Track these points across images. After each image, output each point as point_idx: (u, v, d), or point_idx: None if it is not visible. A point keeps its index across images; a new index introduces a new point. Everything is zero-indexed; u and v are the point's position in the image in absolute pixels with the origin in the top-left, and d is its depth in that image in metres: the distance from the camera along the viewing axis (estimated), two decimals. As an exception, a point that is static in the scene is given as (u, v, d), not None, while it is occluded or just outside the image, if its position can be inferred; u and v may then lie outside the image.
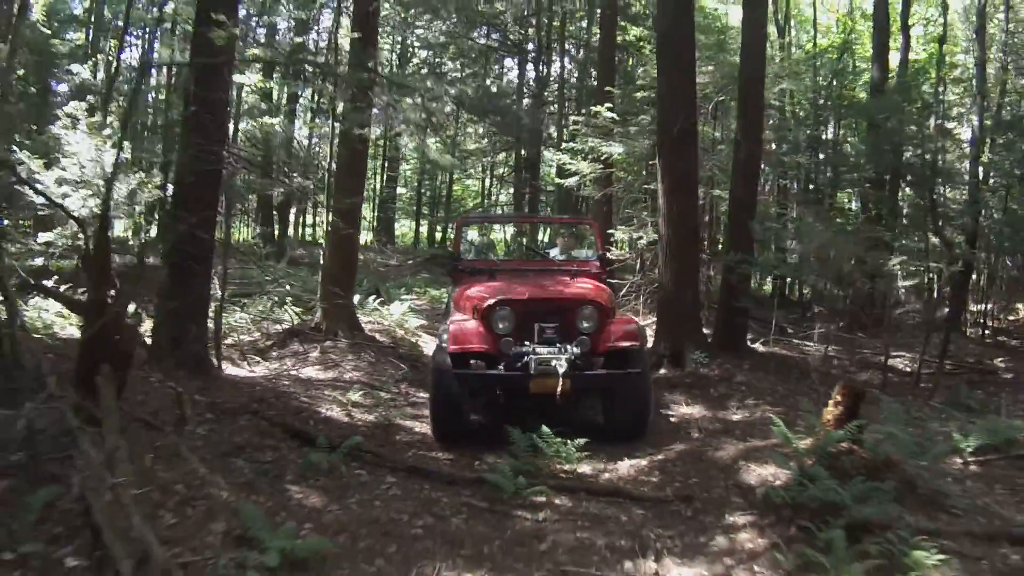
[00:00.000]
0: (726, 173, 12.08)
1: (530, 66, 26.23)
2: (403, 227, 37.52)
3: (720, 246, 13.08)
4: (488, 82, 30.56)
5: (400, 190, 35.54)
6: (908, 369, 10.61)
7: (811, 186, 15.90)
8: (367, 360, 9.16)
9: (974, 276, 18.44)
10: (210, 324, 7.56)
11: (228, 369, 8.03)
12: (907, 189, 13.80)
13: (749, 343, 10.54)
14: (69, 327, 8.88)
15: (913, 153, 11.96)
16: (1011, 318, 17.29)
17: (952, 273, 10.75)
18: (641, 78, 14.71)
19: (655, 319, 10.20)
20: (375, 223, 33.40)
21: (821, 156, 15.02)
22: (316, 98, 22.40)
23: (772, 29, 20.28)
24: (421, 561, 3.90)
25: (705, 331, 9.87)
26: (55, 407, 4.38)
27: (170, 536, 3.68)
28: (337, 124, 10.06)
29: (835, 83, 16.96)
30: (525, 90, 26.39)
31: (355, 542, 4.07)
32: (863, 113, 13.64)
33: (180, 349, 6.51)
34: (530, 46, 25.27)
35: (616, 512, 4.72)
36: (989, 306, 16.66)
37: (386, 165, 33.34)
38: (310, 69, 9.68)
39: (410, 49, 28.72)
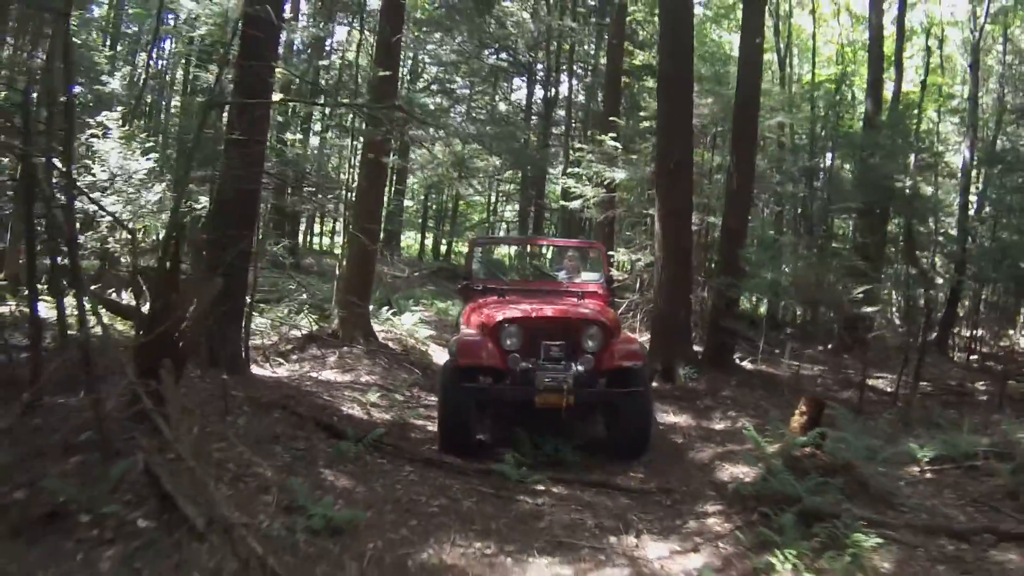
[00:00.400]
0: (722, 201, 12.83)
1: (538, 86, 26.97)
2: (408, 239, 38.06)
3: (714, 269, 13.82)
4: (497, 99, 31.49)
5: (407, 203, 36.12)
6: (889, 389, 11.30)
7: (802, 214, 16.61)
8: (381, 366, 9.85)
9: (967, 302, 19.22)
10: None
11: (254, 369, 8.73)
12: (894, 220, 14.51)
13: (738, 361, 11.25)
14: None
15: (900, 184, 12.66)
16: (1003, 344, 17.86)
17: (928, 298, 11.42)
18: (644, 108, 15.41)
19: (649, 336, 10.91)
20: (383, 234, 33.98)
21: (816, 185, 15.73)
22: (336, 119, 23.24)
23: (772, 57, 21.11)
24: (438, 532, 4.63)
25: (697, 348, 10.59)
26: (124, 394, 5.11)
27: (228, 505, 4.40)
28: (358, 144, 10.82)
29: (831, 114, 17.66)
30: (533, 109, 27.15)
31: (381, 516, 4.78)
32: (852, 145, 14.36)
33: (219, 350, 7.21)
34: (539, 67, 25.98)
35: (605, 500, 5.46)
36: (978, 332, 17.35)
37: (394, 179, 34.05)
38: (343, 101, 10.40)
39: (421, 64, 29.39)
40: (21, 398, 5.80)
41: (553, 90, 25.57)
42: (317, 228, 32.97)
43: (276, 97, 7.41)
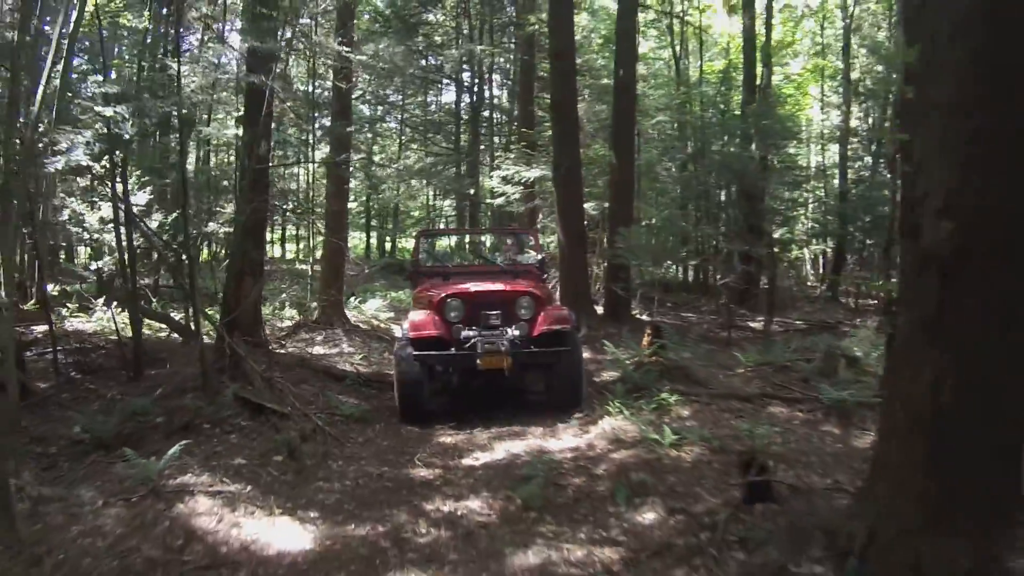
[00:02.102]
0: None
1: (465, 94, 29.63)
2: (354, 238, 40.15)
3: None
4: (429, 102, 34.07)
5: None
6: (759, 327, 14.54)
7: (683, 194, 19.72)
8: (357, 341, 12.78)
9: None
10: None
11: (264, 349, 11.65)
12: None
13: (639, 315, 14.39)
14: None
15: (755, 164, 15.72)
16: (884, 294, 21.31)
17: (764, 254, 14.55)
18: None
19: (560, 300, 13.99)
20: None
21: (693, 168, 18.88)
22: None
23: (669, 53, 24.15)
24: (416, 419, 7.67)
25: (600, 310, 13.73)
26: (217, 352, 8.04)
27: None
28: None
29: (712, 109, 20.75)
30: (462, 113, 29.86)
31: (379, 413, 7.80)
32: (720, 133, 17.45)
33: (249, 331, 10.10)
34: (465, 74, 28.58)
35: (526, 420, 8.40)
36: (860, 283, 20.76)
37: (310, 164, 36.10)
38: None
39: (356, 75, 31.77)
40: (127, 373, 8.75)
41: (476, 97, 28.13)
42: (269, 237, 35.28)
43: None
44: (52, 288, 16.45)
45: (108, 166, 7.39)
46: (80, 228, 11.63)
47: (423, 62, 27.37)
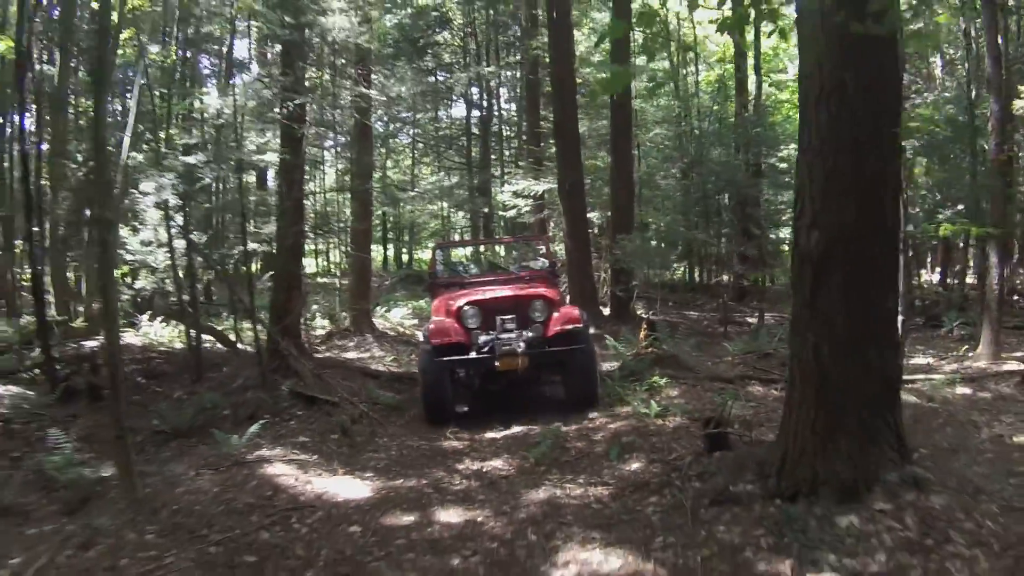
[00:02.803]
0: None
1: (475, 110, 30.90)
2: (372, 251, 41.23)
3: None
4: (441, 115, 35.30)
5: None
6: (755, 322, 15.75)
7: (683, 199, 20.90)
8: (386, 346, 14.07)
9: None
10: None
11: (302, 355, 12.94)
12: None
13: (643, 314, 15.61)
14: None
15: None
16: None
17: (760, 254, 15.77)
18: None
19: (568, 302, 15.24)
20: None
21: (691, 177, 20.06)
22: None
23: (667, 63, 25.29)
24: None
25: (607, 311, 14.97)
26: (272, 357, 9.33)
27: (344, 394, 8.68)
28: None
29: (709, 119, 21.93)
30: (472, 128, 31.10)
31: (412, 403, 9.02)
32: (716, 142, 18.64)
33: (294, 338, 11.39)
34: (474, 91, 29.85)
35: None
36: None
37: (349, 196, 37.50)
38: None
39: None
40: (189, 376, 10.03)
41: (485, 112, 29.36)
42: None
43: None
44: (96, 306, 17.88)
45: (181, 202, 8.62)
46: (123, 250, 12.77)
47: (432, 79, 28.67)
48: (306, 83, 9.56)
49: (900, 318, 4.90)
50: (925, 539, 3.80)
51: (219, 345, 12.38)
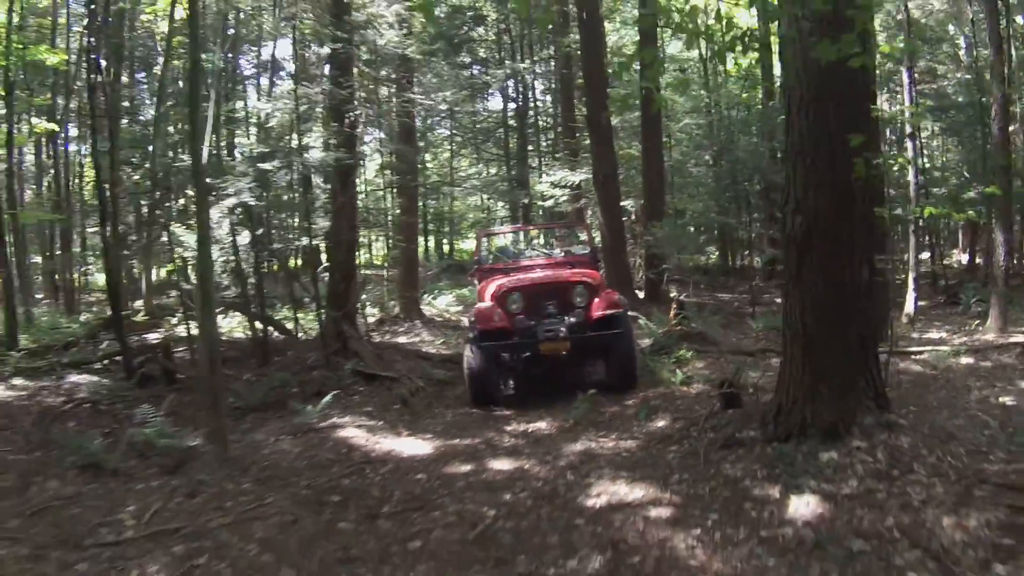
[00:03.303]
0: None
1: (511, 103, 31.66)
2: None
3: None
4: (479, 108, 36.05)
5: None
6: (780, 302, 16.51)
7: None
8: (435, 330, 15.04)
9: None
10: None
11: (357, 341, 13.94)
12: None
13: (674, 295, 16.41)
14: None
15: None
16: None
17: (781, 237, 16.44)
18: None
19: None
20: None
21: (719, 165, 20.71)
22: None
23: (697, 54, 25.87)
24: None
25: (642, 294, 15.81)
26: (334, 339, 10.33)
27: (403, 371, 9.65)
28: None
29: (735, 108, 22.41)
30: (510, 121, 31.85)
31: (462, 379, 9.86)
32: (744, 130, 19.22)
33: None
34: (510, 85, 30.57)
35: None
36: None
37: (388, 185, 38.57)
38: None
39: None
40: (256, 360, 11.02)
41: (521, 106, 30.05)
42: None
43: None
44: (157, 301, 19.11)
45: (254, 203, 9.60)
46: (180, 248, 13.60)
47: (468, 73, 29.40)
48: (357, 91, 10.44)
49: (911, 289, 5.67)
50: (892, 470, 4.63)
51: (276, 334, 13.46)
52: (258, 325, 11.45)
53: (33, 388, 9.62)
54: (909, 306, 11.96)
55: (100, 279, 26.27)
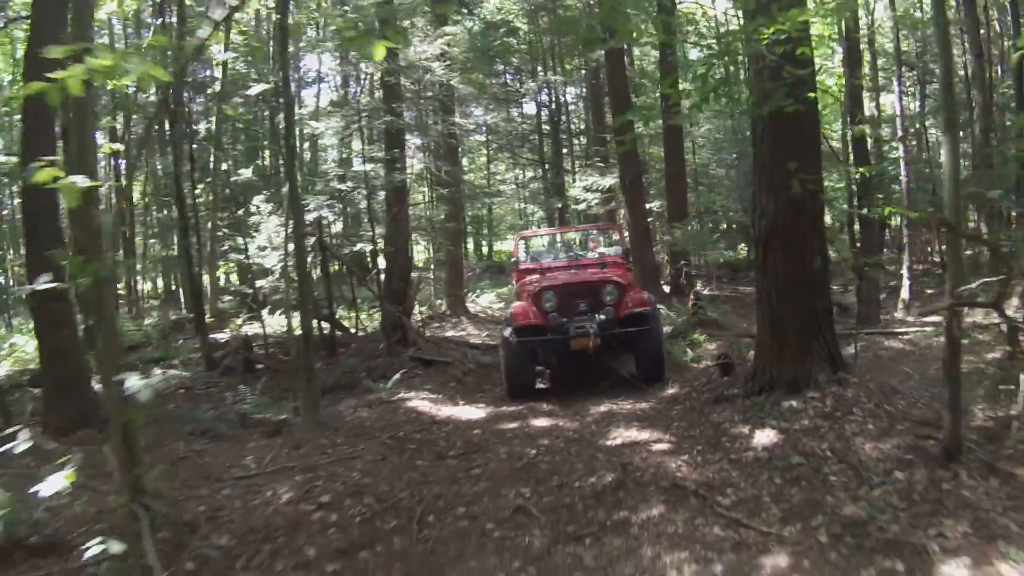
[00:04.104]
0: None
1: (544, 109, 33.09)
2: (452, 245, 43.67)
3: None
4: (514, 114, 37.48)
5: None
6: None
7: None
8: (479, 325, 16.61)
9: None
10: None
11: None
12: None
13: (698, 289, 17.86)
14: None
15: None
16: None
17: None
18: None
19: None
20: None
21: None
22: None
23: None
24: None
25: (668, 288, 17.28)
26: (394, 332, 11.95)
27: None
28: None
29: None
30: (543, 126, 33.28)
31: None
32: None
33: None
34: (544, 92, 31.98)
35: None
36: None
37: (434, 196, 40.32)
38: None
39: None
40: (324, 353, 12.62)
41: (554, 114, 31.46)
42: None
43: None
44: (222, 303, 20.82)
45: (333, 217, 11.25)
46: (242, 255, 15.02)
47: (501, 80, 30.77)
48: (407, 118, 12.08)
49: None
50: (835, 412, 6.07)
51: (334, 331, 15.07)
52: (333, 322, 13.04)
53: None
54: (904, 292, 13.27)
55: (155, 286, 28.34)
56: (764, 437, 5.86)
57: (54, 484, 3.46)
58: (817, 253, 6.48)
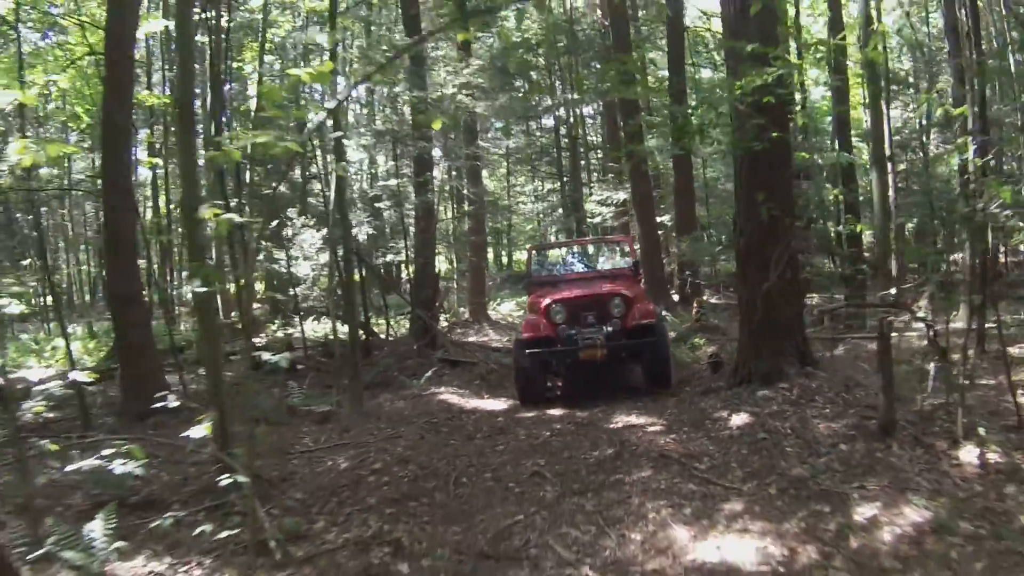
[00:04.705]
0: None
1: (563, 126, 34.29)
2: (471, 255, 44.97)
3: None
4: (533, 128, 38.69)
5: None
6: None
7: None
8: (500, 331, 17.84)
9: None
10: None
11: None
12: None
13: (707, 298, 19.02)
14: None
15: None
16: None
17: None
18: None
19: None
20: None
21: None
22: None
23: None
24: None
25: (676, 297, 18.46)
26: (422, 335, 13.21)
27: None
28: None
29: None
30: (562, 139, 34.47)
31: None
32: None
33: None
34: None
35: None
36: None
37: (458, 212, 41.67)
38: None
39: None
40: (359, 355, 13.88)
41: (569, 124, 32.64)
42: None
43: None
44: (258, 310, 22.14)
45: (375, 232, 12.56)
46: (275, 264, 16.23)
47: (519, 95, 31.99)
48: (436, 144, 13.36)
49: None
50: (800, 400, 7.24)
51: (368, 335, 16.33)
52: (368, 327, 14.33)
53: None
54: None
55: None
56: (739, 419, 7.04)
57: (198, 431, 4.67)
58: (787, 267, 7.65)
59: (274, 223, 16.47)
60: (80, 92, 18.88)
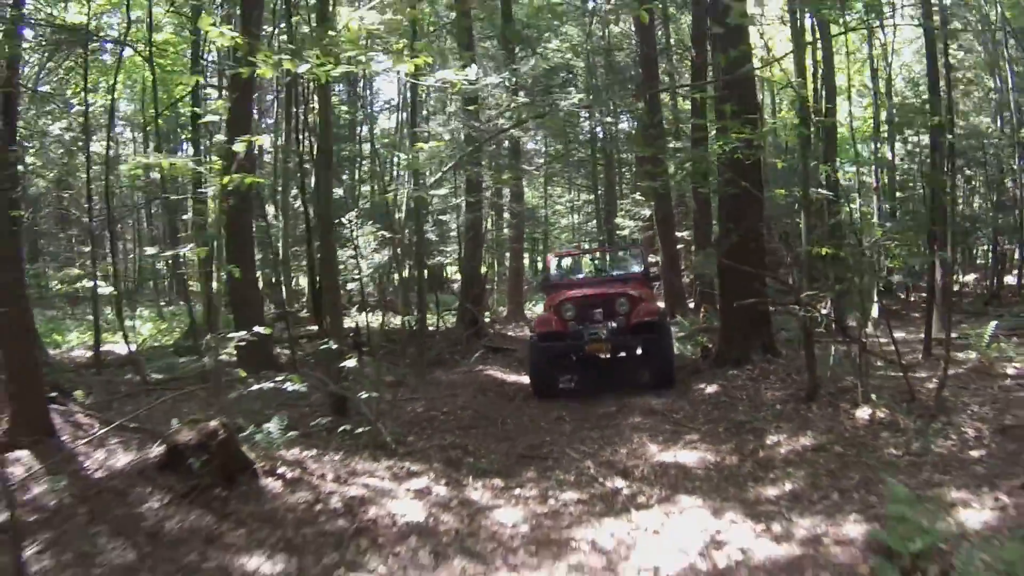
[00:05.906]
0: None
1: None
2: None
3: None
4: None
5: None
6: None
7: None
8: (534, 327, 20.33)
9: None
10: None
11: (479, 333, 19.38)
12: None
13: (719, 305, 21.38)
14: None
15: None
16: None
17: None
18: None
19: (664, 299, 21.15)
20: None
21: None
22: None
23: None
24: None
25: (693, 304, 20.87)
26: (470, 325, 15.79)
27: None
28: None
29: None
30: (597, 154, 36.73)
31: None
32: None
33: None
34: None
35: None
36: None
37: (496, 218, 44.12)
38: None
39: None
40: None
41: (604, 140, 34.97)
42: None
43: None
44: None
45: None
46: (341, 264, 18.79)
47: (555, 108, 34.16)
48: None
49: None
50: (758, 377, 9.69)
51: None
52: (424, 318, 16.87)
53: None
54: (874, 311, 16.66)
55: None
56: (711, 389, 9.57)
57: (350, 362, 7.29)
58: (755, 279, 10.12)
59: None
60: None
